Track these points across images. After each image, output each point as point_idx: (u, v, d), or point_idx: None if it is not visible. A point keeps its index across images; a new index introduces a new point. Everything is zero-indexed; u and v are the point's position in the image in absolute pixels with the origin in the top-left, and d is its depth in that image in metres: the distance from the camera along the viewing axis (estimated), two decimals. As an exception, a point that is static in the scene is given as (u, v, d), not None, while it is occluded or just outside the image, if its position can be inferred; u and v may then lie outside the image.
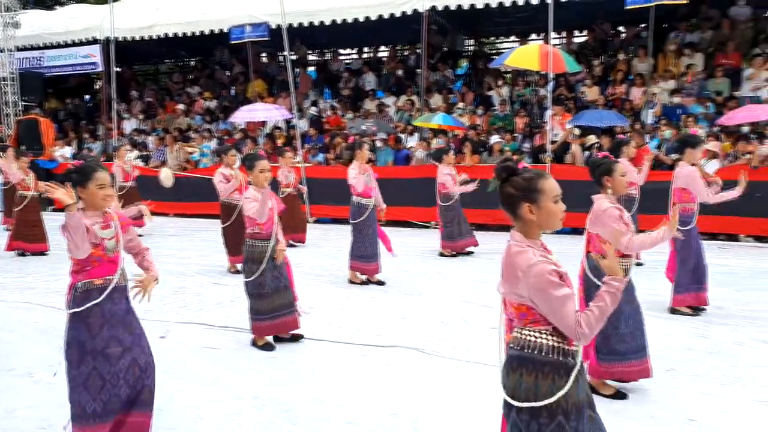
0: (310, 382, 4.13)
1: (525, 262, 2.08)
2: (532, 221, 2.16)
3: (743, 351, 4.60)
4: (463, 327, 5.30)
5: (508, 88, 13.16)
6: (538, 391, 2.10)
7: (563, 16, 12.55)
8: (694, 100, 11.01)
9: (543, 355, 2.11)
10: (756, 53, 11.13)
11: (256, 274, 4.66)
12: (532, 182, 2.16)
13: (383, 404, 3.77)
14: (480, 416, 3.59)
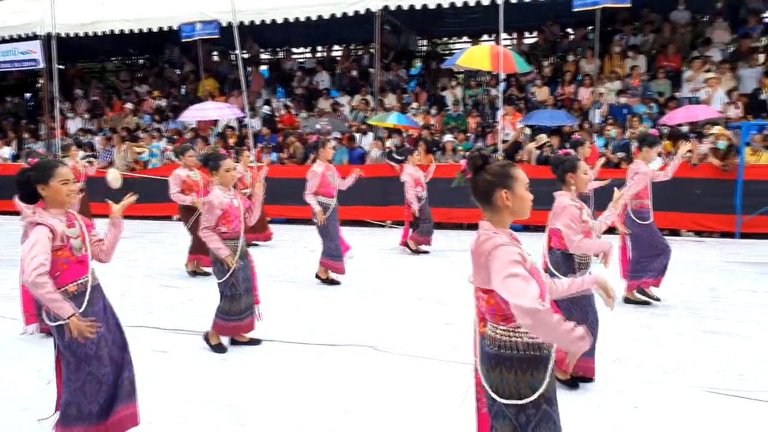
0: (261, 383, 4.07)
1: (492, 244, 2.10)
2: (507, 208, 2.18)
3: (684, 341, 4.78)
4: (417, 324, 5.32)
5: (461, 88, 13.32)
6: (520, 387, 2.13)
7: (514, 17, 12.79)
8: (639, 101, 11.41)
9: (520, 353, 2.13)
10: (695, 56, 11.61)
11: (227, 275, 4.53)
12: (506, 169, 2.20)
13: (336, 403, 3.75)
14: (433, 411, 3.62)
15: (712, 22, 12.35)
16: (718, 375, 4.09)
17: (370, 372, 4.24)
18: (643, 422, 3.45)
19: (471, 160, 2.25)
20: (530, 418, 2.13)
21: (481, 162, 2.22)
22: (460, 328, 5.14)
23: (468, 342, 4.75)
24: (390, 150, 11.02)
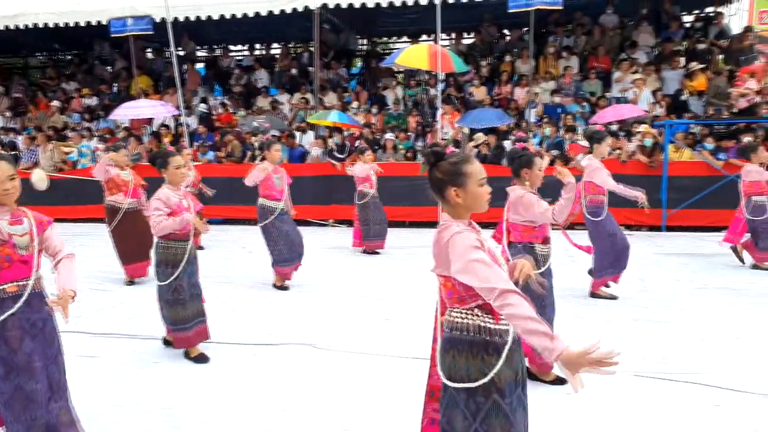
0: (195, 386, 3.96)
1: (449, 233, 2.12)
2: (459, 204, 2.20)
3: (613, 328, 4.97)
4: (357, 320, 5.31)
5: (402, 87, 13.41)
6: (470, 371, 2.12)
7: (451, 18, 13.01)
8: (572, 100, 11.80)
9: (471, 335, 2.14)
10: (623, 58, 12.11)
11: (171, 278, 4.28)
12: (457, 167, 2.20)
13: (272, 402, 3.69)
14: (372, 406, 3.61)
15: (638, 26, 12.92)
16: (643, 359, 4.27)
17: (308, 370, 4.20)
18: (576, 407, 3.56)
19: (424, 157, 2.27)
20: (480, 407, 2.11)
21: (433, 159, 2.23)
22: (400, 323, 5.18)
23: (408, 336, 4.80)
24: (332, 148, 10.97)
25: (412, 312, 5.48)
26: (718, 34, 12.67)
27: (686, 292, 6.04)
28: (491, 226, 4.82)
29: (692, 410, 3.50)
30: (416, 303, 5.77)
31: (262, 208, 6.39)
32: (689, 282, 6.45)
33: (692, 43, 12.44)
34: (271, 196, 6.35)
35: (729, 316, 5.22)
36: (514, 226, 3.91)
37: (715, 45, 12.42)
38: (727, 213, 9.44)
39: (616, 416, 3.45)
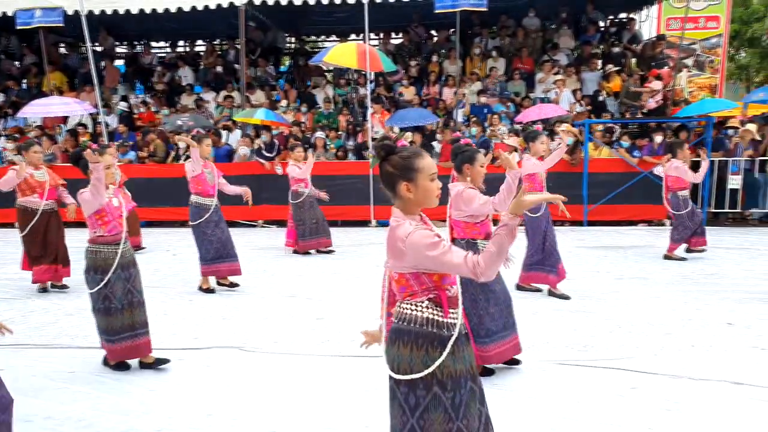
0: (114, 394, 3.76)
1: (404, 232, 2.09)
2: (410, 199, 2.17)
3: (538, 319, 5.12)
4: (287, 321, 5.21)
5: (331, 86, 13.34)
6: (413, 363, 2.10)
7: (380, 18, 13.05)
8: (498, 100, 12.12)
9: (417, 327, 2.12)
10: (545, 59, 12.56)
11: (101, 285, 3.97)
12: (408, 161, 2.17)
13: (198, 407, 3.55)
14: (299, 406, 3.55)
15: (558, 29, 13.44)
16: (566, 348, 4.43)
17: (236, 373, 4.07)
18: (502, 396, 3.63)
19: (375, 151, 2.23)
20: (419, 401, 2.09)
21: (384, 153, 2.20)
22: (332, 322, 5.12)
23: (339, 335, 4.76)
24: (259, 147, 10.76)
25: (343, 311, 5.44)
26: (631, 39, 13.38)
27: (605, 283, 6.31)
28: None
29: (611, 394, 3.64)
30: (348, 302, 5.74)
31: (196, 206, 6.15)
32: (607, 273, 6.75)
33: (608, 47, 13.08)
34: (205, 193, 6.13)
35: (642, 304, 5.50)
36: (456, 223, 3.92)
37: (629, 49, 13.10)
38: (642, 208, 10.02)
39: (540, 404, 3.55)
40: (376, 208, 10.00)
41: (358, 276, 6.79)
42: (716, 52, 13.71)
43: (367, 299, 5.78)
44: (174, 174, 10.56)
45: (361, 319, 5.17)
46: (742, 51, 23.82)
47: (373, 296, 5.80)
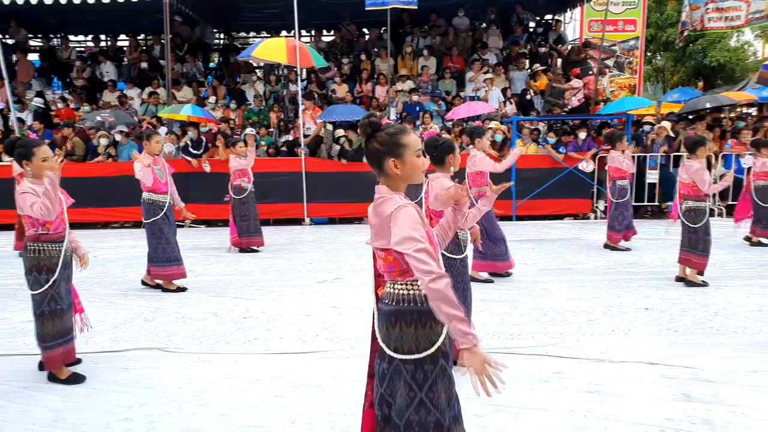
0: (22, 401, 3.51)
1: (392, 205, 2.09)
2: (397, 175, 2.17)
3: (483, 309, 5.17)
4: (212, 321, 5.04)
5: (262, 83, 13.09)
6: (419, 341, 2.12)
7: (311, 15, 12.94)
8: (429, 99, 12.25)
9: (419, 306, 2.13)
10: (475, 59, 12.80)
11: (47, 286, 3.71)
12: (395, 137, 2.16)
13: (114, 410, 3.37)
14: (223, 407, 3.43)
15: (487, 29, 13.73)
16: (494, 337, 4.50)
17: (157, 374, 3.90)
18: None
19: (361, 128, 2.20)
20: (427, 375, 2.13)
21: (370, 130, 2.18)
22: (259, 321, 5.00)
23: (267, 333, 4.65)
24: (186, 144, 10.41)
25: (272, 310, 5.32)
26: (556, 39, 13.85)
27: (532, 274, 6.48)
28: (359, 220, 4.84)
29: (538, 380, 3.72)
30: (277, 301, 5.62)
31: (150, 203, 5.90)
32: (534, 265, 6.93)
33: (535, 47, 13.48)
34: (158, 190, 5.90)
35: (567, 293, 5.67)
36: (437, 214, 3.91)
37: (554, 49, 13.56)
38: (568, 202, 10.36)
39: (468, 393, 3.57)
40: (309, 206, 9.88)
41: (287, 274, 6.67)
42: (634, 53, 14.41)
43: (297, 298, 5.69)
44: (94, 173, 10.08)
45: (291, 317, 5.08)
46: (658, 54, 25.17)
47: (302, 295, 5.73)
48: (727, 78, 23.26)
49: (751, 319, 4.82)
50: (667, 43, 22.78)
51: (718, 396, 3.46)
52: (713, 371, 3.81)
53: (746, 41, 24.96)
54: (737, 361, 3.97)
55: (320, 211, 10.02)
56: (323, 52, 13.13)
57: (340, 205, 10.01)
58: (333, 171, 10.02)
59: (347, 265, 6.91)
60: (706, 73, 23.21)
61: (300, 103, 10.29)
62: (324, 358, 4.13)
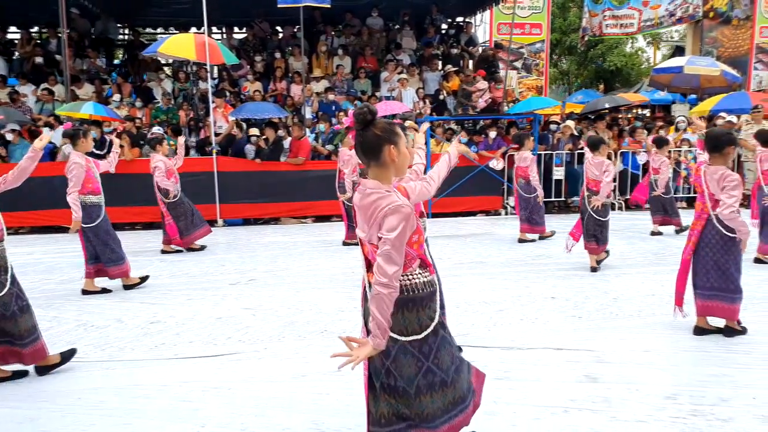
0: None
1: (388, 201, 2.16)
2: (393, 164, 2.25)
3: (383, 306, 5.21)
4: (116, 327, 4.78)
5: (170, 80, 12.58)
6: (422, 321, 2.32)
7: (223, 11, 12.59)
8: (345, 98, 12.23)
9: (418, 293, 2.30)
10: (389, 59, 12.91)
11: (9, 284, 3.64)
12: (393, 126, 2.27)
13: (4, 426, 3.11)
14: (125, 415, 3.25)
15: (401, 30, 13.90)
16: (409, 331, 4.54)
17: (55, 385, 3.65)
18: (346, 383, 3.62)
19: (360, 116, 2.22)
20: (431, 347, 2.34)
21: (370, 117, 2.23)
22: (166, 326, 4.79)
23: (176, 337, 4.45)
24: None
25: (180, 313, 5.12)
26: (467, 41, 14.24)
27: (446, 268, 6.58)
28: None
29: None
30: (185, 304, 5.41)
31: (91, 205, 5.56)
32: (449, 259, 7.08)
33: (447, 48, 13.79)
34: (97, 190, 5.62)
35: (479, 285, 5.83)
36: None
37: (466, 51, 13.93)
38: (480, 199, 10.67)
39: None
40: (222, 207, 9.57)
41: (198, 277, 6.44)
42: (540, 56, 15.08)
43: (208, 301, 5.50)
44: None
45: (201, 320, 4.90)
46: (563, 58, 26.51)
47: (214, 297, 5.53)
48: (624, 81, 24.86)
49: (645, 303, 5.16)
50: (570, 48, 24.03)
51: (616, 375, 3.66)
52: (613, 353, 4.04)
53: (639, 47, 26.79)
54: (633, 342, 4.23)
55: (234, 212, 9.73)
56: (235, 50, 12.81)
57: (255, 206, 9.77)
58: (247, 170, 9.77)
59: (262, 266, 6.76)
60: (606, 77, 24.69)
61: (210, 101, 9.97)
62: (236, 360, 4.01)
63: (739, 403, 3.28)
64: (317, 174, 9.77)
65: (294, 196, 9.79)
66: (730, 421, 3.09)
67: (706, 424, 3.07)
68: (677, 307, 4.42)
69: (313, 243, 8.08)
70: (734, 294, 4.23)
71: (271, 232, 9.02)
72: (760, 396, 3.35)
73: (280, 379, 3.70)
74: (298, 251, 7.57)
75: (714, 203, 4.19)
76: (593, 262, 6.32)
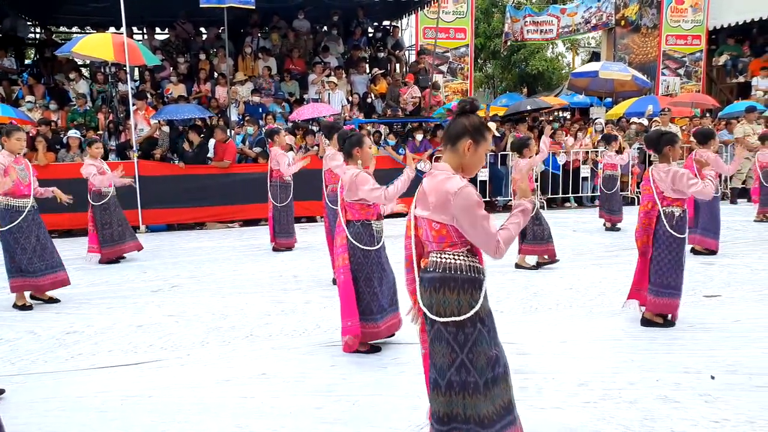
0: None
1: (455, 185, 2.28)
2: (465, 157, 2.37)
3: (311, 308, 5.20)
4: (28, 339, 4.54)
5: (87, 82, 12.05)
6: (461, 305, 2.34)
7: (144, 11, 12.18)
8: (272, 100, 12.12)
9: (462, 274, 2.35)
10: (316, 61, 12.90)
11: None
12: (483, 126, 2.38)
13: None
14: (36, 429, 3.10)
15: (328, 33, 13.90)
16: (337, 330, 4.54)
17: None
18: (271, 386, 3.61)
19: (461, 104, 2.40)
20: (468, 337, 2.34)
21: (469, 108, 2.39)
22: (84, 336, 4.60)
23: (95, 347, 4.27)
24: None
25: (99, 323, 4.92)
26: (394, 45, 14.42)
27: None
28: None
29: (378, 367, 3.86)
30: (106, 313, 5.20)
31: (6, 208, 5.18)
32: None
33: (374, 52, 13.92)
34: (19, 192, 5.23)
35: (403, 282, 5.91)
36: (351, 205, 4.02)
37: (393, 55, 14.11)
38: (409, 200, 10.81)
39: (316, 387, 3.59)
40: (144, 212, 9.23)
41: (119, 285, 6.20)
42: (465, 60, 15.48)
43: (128, 309, 5.32)
44: None
45: (121, 329, 4.73)
46: (488, 62, 27.28)
47: (135, 305, 5.34)
48: (545, 85, 25.85)
49: (563, 297, 5.42)
50: (495, 52, 24.75)
51: (534, 366, 3.83)
52: (531, 344, 4.21)
53: (560, 52, 27.95)
54: (551, 334, 4.43)
55: (157, 218, 9.40)
56: (158, 51, 12.42)
57: (179, 210, 9.47)
58: (170, 174, 9.48)
59: (186, 273, 6.59)
60: (529, 81, 25.59)
61: (131, 103, 9.62)
62: (157, 368, 3.90)
63: (644, 385, 3.51)
64: (243, 177, 9.63)
65: (220, 200, 9.58)
66: (635, 403, 3.30)
67: (614, 406, 3.27)
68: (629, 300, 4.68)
69: (240, 248, 7.96)
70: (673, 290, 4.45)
71: (195, 238, 8.80)
72: (663, 378, 3.60)
73: (203, 384, 3.64)
74: (224, 256, 7.42)
75: (662, 201, 4.46)
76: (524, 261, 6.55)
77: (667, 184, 4.40)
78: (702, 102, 13.38)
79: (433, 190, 2.35)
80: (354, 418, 3.21)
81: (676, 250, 4.44)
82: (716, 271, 6.22)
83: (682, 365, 3.78)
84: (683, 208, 4.50)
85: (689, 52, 16.34)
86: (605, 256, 6.99)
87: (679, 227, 4.44)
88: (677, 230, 4.43)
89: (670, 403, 3.28)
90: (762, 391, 3.40)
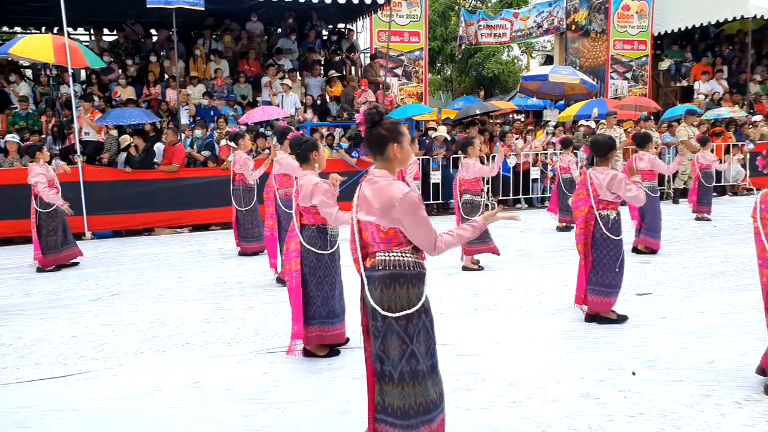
0: None
1: (399, 190, 2.45)
2: (396, 159, 2.56)
3: (251, 315, 5.17)
4: (-47, 354, 4.39)
5: (28, 84, 11.69)
6: (410, 299, 2.52)
7: (90, 12, 11.90)
8: (224, 103, 11.98)
9: (410, 270, 2.53)
10: (270, 63, 12.81)
11: None
12: (398, 126, 2.56)
13: None
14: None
15: (283, 35, 13.82)
16: (275, 337, 4.54)
17: None
18: (201, 395, 3.58)
19: (368, 115, 2.53)
20: (415, 329, 2.52)
21: (378, 117, 2.53)
22: (11, 349, 4.47)
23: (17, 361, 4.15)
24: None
25: (29, 335, 4.78)
26: (349, 48, 14.43)
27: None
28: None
29: (311, 372, 3.86)
30: (37, 324, 5.06)
31: None
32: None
33: (329, 54, 13.90)
34: None
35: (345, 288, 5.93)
36: (307, 210, 4.02)
37: (348, 57, 14.11)
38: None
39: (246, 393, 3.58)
40: (90, 218, 8.99)
41: (56, 294, 6.03)
42: (420, 63, 15.58)
43: (63, 319, 5.19)
44: None
45: (53, 340, 4.61)
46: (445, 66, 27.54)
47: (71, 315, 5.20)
48: (502, 88, 26.24)
49: (502, 297, 5.52)
50: (452, 55, 25.00)
51: (466, 367, 3.89)
52: (466, 345, 4.29)
53: (515, 56, 28.43)
54: (486, 335, 4.51)
55: (103, 224, 9.18)
56: (106, 52, 12.15)
57: (126, 216, 9.26)
58: (116, 179, 9.27)
59: (128, 280, 6.46)
60: (486, 84, 25.93)
61: (75, 106, 9.37)
62: (85, 380, 3.82)
63: (570, 384, 3.62)
64: (193, 182, 9.51)
65: (168, 206, 9.41)
66: (558, 401, 3.39)
67: (538, 405, 3.35)
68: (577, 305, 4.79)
69: (186, 254, 7.83)
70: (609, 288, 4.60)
71: (142, 244, 8.62)
72: (587, 376, 3.71)
73: (132, 395, 3.59)
74: (169, 263, 7.30)
75: (598, 204, 4.58)
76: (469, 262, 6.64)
77: (603, 186, 4.55)
78: (645, 105, 13.79)
79: (376, 195, 2.51)
80: (282, 425, 3.21)
81: (614, 251, 4.60)
82: (651, 269, 6.43)
83: (608, 362, 3.91)
84: (617, 211, 4.66)
85: (636, 56, 16.81)
86: (548, 257, 7.15)
87: (615, 229, 4.61)
88: (613, 233, 4.59)
89: (591, 400, 3.39)
90: (677, 385, 3.55)
